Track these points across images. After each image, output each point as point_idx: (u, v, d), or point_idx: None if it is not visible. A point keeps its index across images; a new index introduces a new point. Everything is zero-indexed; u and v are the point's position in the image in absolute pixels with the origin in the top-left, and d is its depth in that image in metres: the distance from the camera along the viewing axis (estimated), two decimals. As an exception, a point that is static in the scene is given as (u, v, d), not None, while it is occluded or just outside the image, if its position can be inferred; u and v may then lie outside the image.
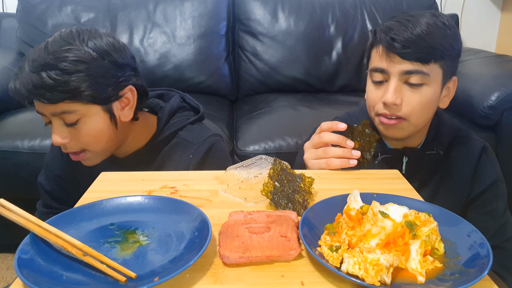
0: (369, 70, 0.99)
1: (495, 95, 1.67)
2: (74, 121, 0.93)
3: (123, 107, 0.99)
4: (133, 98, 1.00)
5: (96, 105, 0.94)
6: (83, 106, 0.92)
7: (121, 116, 0.99)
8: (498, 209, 1.06)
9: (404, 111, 0.94)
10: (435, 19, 0.94)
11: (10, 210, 0.64)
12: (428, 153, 1.03)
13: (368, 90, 1.00)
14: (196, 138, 1.07)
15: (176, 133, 1.08)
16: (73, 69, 0.89)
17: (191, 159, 1.04)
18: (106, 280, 0.55)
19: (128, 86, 0.98)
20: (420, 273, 0.55)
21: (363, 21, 2.24)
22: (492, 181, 1.05)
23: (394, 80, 0.94)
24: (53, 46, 0.90)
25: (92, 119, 0.94)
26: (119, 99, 0.98)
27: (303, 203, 0.74)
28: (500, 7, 2.64)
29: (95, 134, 0.96)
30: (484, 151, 1.07)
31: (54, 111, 0.92)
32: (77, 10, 2.15)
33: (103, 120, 0.96)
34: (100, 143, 0.98)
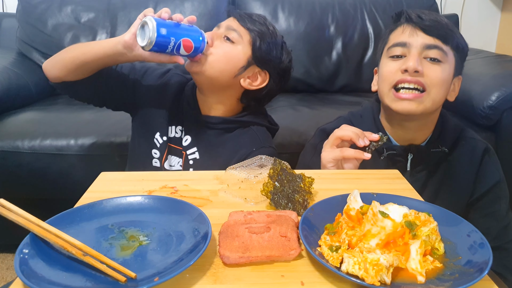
0: (388, 48, 1.03)
1: (495, 95, 1.67)
2: (232, 39, 1.08)
3: (249, 76, 1.12)
4: (259, 81, 1.13)
5: (251, 50, 1.09)
6: (247, 41, 1.09)
7: (242, 80, 1.11)
8: (501, 210, 1.06)
9: (425, 80, 0.97)
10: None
11: (10, 210, 0.64)
12: (433, 151, 1.03)
13: (384, 65, 1.04)
14: (265, 140, 1.16)
15: (253, 124, 1.16)
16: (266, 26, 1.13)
17: (252, 152, 1.09)
18: (106, 280, 0.55)
19: (268, 72, 1.13)
20: (420, 273, 0.55)
21: (363, 21, 2.24)
22: (494, 183, 1.06)
23: (415, 51, 0.98)
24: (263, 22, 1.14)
25: (239, 50, 1.09)
26: (258, 70, 1.12)
27: (303, 203, 0.74)
28: (500, 7, 2.64)
29: (228, 57, 1.08)
30: (487, 153, 1.07)
31: (231, 25, 1.09)
32: (77, 10, 2.15)
33: (240, 60, 1.09)
34: (219, 64, 1.08)
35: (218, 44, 1.08)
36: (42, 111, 1.83)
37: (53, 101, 2.02)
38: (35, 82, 2.02)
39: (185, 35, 1.00)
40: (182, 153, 1.14)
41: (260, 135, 1.15)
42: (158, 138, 1.17)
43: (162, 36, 0.96)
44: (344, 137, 0.94)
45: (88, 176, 0.86)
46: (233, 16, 1.12)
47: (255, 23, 1.10)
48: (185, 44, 1.00)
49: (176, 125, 1.17)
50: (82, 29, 2.13)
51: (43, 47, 2.13)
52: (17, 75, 1.93)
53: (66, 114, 1.79)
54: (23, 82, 1.94)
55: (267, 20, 1.14)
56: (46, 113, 1.82)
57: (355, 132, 0.94)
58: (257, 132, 1.15)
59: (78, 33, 2.13)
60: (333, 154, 0.94)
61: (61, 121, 1.71)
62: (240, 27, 1.09)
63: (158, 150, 1.16)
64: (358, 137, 0.93)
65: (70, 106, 1.94)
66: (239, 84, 1.11)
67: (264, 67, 1.12)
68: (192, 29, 1.02)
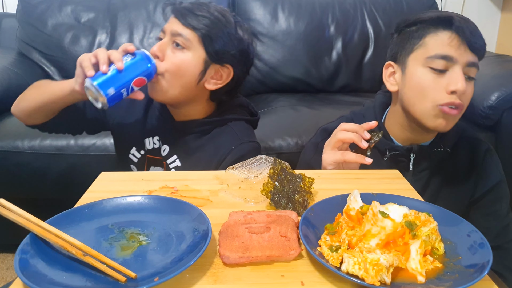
0: (429, 57, 0.95)
1: (495, 95, 1.67)
2: (182, 45, 1.02)
3: (213, 76, 1.06)
4: (226, 78, 1.08)
5: (206, 53, 1.03)
6: (198, 44, 1.02)
7: (206, 82, 1.06)
8: (501, 211, 1.06)
9: (464, 101, 0.95)
10: None
11: (10, 210, 0.64)
12: (435, 150, 1.03)
13: (425, 79, 0.95)
14: (244, 135, 1.12)
15: (230, 121, 1.13)
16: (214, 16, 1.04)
17: (232, 151, 1.07)
18: (106, 280, 0.55)
19: (230, 67, 1.07)
20: (420, 273, 0.55)
21: (363, 21, 2.24)
22: (495, 183, 1.06)
23: (459, 68, 0.93)
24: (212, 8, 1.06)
25: (190, 57, 1.02)
26: (219, 66, 1.06)
27: (303, 203, 0.74)
28: (500, 7, 2.64)
29: (183, 67, 1.02)
30: (489, 153, 1.07)
31: (176, 30, 1.02)
32: (77, 10, 2.15)
33: (194, 68, 1.03)
34: (177, 79, 1.03)
35: (169, 55, 1.02)
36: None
37: (53, 101, 2.02)
38: (35, 82, 2.02)
39: (133, 77, 0.94)
40: (162, 163, 1.13)
41: (238, 131, 1.11)
42: (134, 153, 1.16)
43: (112, 95, 0.92)
44: (346, 140, 0.93)
45: (88, 176, 0.86)
46: (174, 15, 1.04)
47: (199, 18, 1.02)
48: (137, 83, 0.95)
49: (153, 136, 1.14)
50: (82, 29, 2.13)
51: (43, 47, 2.13)
52: (17, 75, 1.93)
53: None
54: (23, 82, 1.94)
55: (212, 7, 1.06)
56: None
57: (356, 131, 0.93)
58: (235, 128, 1.12)
59: (78, 33, 2.13)
60: (334, 157, 0.93)
61: (61, 121, 1.70)
62: (185, 29, 1.02)
63: (135, 165, 1.16)
64: (360, 139, 0.92)
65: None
66: (204, 88, 1.07)
67: (224, 62, 1.06)
68: (137, 63, 0.95)
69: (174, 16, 1.04)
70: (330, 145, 0.96)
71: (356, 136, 0.92)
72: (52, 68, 2.15)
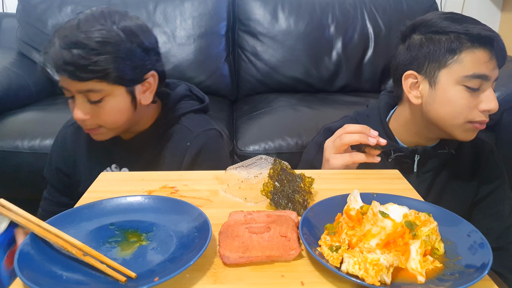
0: (466, 76, 0.91)
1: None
2: (98, 99, 0.95)
3: (144, 91, 1.03)
4: (154, 83, 1.04)
5: (121, 86, 0.97)
6: (108, 86, 0.95)
7: (142, 99, 1.02)
8: (504, 211, 1.06)
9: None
10: None
11: (10, 210, 0.64)
12: (439, 152, 1.03)
13: (461, 97, 0.92)
14: (196, 127, 1.09)
15: (179, 118, 1.10)
16: (104, 50, 0.91)
17: (189, 147, 1.06)
18: (106, 280, 0.55)
19: (151, 71, 1.02)
20: (420, 273, 0.55)
21: (363, 21, 2.24)
22: (498, 183, 1.06)
23: (491, 86, 0.94)
24: (86, 25, 0.92)
25: (115, 99, 0.97)
26: (142, 82, 1.01)
27: (303, 203, 0.74)
28: (500, 7, 2.64)
29: (116, 113, 0.99)
30: (492, 153, 1.07)
31: (80, 88, 0.94)
32: (77, 10, 2.11)
33: (125, 101, 0.99)
34: (118, 122, 1.01)
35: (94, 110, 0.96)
36: (42, 111, 1.83)
37: (53, 101, 2.02)
38: (35, 82, 2.02)
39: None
40: None
41: (189, 125, 1.08)
42: None
43: None
44: (352, 143, 0.91)
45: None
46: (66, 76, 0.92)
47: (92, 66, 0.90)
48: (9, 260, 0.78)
49: (110, 165, 1.11)
50: (82, 29, 2.13)
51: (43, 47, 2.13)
52: (17, 75, 1.93)
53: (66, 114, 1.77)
54: (23, 82, 1.94)
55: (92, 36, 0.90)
56: (46, 113, 1.82)
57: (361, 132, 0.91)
58: (186, 123, 1.09)
59: (78, 33, 2.12)
60: (342, 160, 0.92)
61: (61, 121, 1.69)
62: (88, 83, 0.93)
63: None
64: (367, 138, 0.89)
65: (70, 106, 1.94)
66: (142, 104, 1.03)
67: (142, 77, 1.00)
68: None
69: (68, 78, 0.93)
70: (334, 149, 0.93)
71: (362, 136, 0.90)
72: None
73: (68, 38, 0.91)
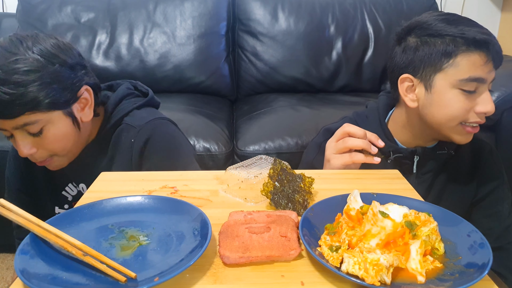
0: (462, 79, 0.91)
1: (495, 95, 1.68)
2: (38, 130, 0.91)
3: (82, 108, 0.99)
4: (90, 97, 1.00)
5: (57, 111, 0.93)
6: (44, 115, 0.91)
7: (83, 117, 0.99)
8: (503, 211, 1.06)
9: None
10: None
11: (10, 210, 0.64)
12: (439, 153, 1.03)
13: (457, 101, 0.93)
14: (139, 121, 1.04)
15: (122, 119, 1.05)
16: (26, 80, 0.86)
17: (133, 143, 1.02)
18: (106, 280, 0.55)
19: (84, 86, 0.97)
20: (420, 273, 0.55)
21: (363, 21, 2.24)
22: (497, 184, 1.06)
23: (487, 88, 0.93)
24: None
25: (55, 125, 0.93)
26: (77, 101, 0.97)
27: (303, 203, 0.74)
28: (500, 7, 2.64)
29: (61, 139, 0.95)
30: (491, 154, 1.07)
31: (15, 124, 0.90)
32: (77, 10, 2.15)
33: (66, 124, 0.95)
34: (67, 147, 0.97)
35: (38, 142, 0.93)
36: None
37: (53, 101, 2.02)
38: (35, 82, 2.02)
39: None
40: None
41: (131, 121, 1.04)
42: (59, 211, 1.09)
43: None
44: (355, 148, 0.91)
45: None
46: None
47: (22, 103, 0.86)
48: None
49: (67, 185, 1.08)
50: (82, 29, 2.13)
51: (43, 47, 2.13)
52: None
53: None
54: (23, 82, 1.94)
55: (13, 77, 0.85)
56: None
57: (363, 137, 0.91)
58: (129, 121, 1.04)
59: (78, 33, 2.13)
60: (342, 160, 0.92)
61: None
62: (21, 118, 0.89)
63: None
64: (370, 146, 0.90)
65: (70, 106, 1.94)
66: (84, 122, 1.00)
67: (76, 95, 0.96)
68: None
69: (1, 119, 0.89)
70: (335, 149, 0.93)
71: (365, 143, 0.90)
72: (52, 68, 2.15)
73: None
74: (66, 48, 0.95)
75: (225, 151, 1.65)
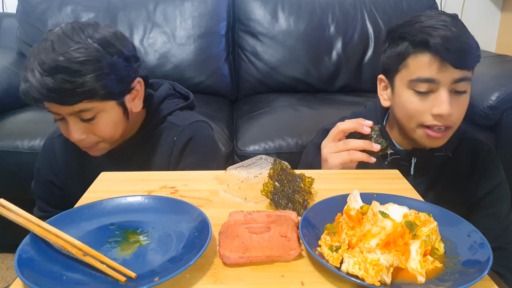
0: (410, 80, 0.93)
1: (495, 95, 1.67)
2: (91, 116, 0.94)
3: (133, 99, 1.02)
4: (141, 89, 1.04)
5: (111, 101, 0.96)
6: (99, 103, 0.94)
7: (133, 107, 1.02)
8: (502, 211, 1.06)
9: (452, 120, 0.93)
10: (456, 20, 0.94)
11: (10, 210, 0.64)
12: (436, 155, 1.03)
13: (410, 102, 0.94)
14: (182, 121, 1.09)
15: (165, 118, 1.09)
16: (87, 69, 0.88)
17: (176, 142, 1.06)
18: (106, 280, 0.55)
19: (137, 78, 1.01)
20: (420, 273, 0.55)
21: (363, 21, 2.24)
22: (496, 184, 1.06)
23: (444, 90, 0.91)
24: (61, 46, 0.88)
25: (108, 114, 0.97)
26: (130, 92, 1.00)
27: (303, 203, 0.74)
28: (500, 7, 2.64)
29: (111, 127, 0.98)
30: (490, 154, 1.07)
31: (71, 111, 0.93)
32: (77, 10, 2.15)
33: (118, 113, 0.99)
34: (115, 135, 1.00)
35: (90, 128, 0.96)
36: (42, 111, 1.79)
37: (53, 101, 2.02)
38: (35, 82, 2.02)
39: None
40: None
41: (175, 120, 1.09)
42: None
43: None
44: (347, 130, 0.93)
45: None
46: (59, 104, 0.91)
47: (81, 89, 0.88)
48: None
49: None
50: (82, 29, 2.13)
51: (43, 47, 2.13)
52: (17, 75, 1.93)
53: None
54: (23, 82, 1.94)
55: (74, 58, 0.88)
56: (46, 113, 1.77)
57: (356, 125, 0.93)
58: (172, 120, 1.09)
59: (78, 33, 2.13)
60: (340, 158, 0.92)
61: (61, 121, 1.71)
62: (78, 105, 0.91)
63: None
64: (361, 126, 0.92)
65: (70, 106, 1.94)
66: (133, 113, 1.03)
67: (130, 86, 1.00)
68: None
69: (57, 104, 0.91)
70: (334, 149, 0.94)
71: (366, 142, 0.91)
72: (52, 68, 2.15)
73: (47, 64, 0.86)
74: (122, 38, 0.98)
75: (225, 151, 1.65)
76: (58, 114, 0.95)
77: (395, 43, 0.97)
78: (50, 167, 1.14)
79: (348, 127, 0.93)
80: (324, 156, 0.96)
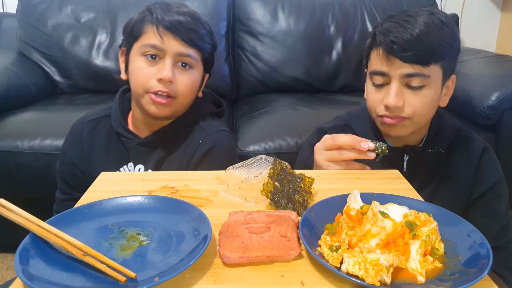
0: (369, 73, 0.99)
1: (495, 95, 1.67)
2: (189, 65, 1.04)
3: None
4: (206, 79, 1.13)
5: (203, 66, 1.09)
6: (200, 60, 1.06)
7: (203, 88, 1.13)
8: (500, 210, 1.06)
9: (406, 112, 0.95)
10: (433, 18, 0.93)
11: (10, 210, 0.64)
12: (429, 151, 1.03)
13: (369, 92, 1.01)
14: (210, 126, 1.13)
15: (197, 119, 1.13)
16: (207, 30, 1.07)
17: (200, 144, 1.08)
18: (106, 280, 0.55)
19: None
20: (420, 273, 0.55)
21: (363, 21, 2.24)
22: (494, 182, 1.05)
23: (395, 83, 0.94)
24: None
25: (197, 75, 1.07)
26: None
27: (303, 203, 0.74)
28: (500, 7, 2.64)
29: (191, 86, 1.06)
30: (486, 152, 1.07)
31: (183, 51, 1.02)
32: (77, 10, 2.15)
33: (199, 82, 1.10)
34: (187, 98, 1.07)
35: (179, 77, 1.03)
36: (42, 111, 1.83)
37: (53, 101, 2.02)
38: (35, 82, 2.02)
39: None
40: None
41: (204, 124, 1.13)
42: None
43: None
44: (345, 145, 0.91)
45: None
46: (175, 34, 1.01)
47: (202, 37, 1.04)
48: None
49: (126, 163, 1.11)
50: (82, 29, 2.14)
51: (43, 47, 2.13)
52: (17, 75, 1.94)
53: (66, 114, 1.79)
54: (23, 82, 1.94)
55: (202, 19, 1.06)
56: (46, 113, 1.82)
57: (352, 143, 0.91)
58: (202, 123, 1.13)
59: (78, 33, 2.13)
60: (329, 154, 0.93)
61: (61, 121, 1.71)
62: (190, 49, 1.03)
63: None
64: (358, 142, 0.90)
65: (70, 106, 1.94)
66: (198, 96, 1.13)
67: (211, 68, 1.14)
68: None
69: (174, 36, 1.01)
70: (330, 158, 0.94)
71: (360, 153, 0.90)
72: (52, 68, 2.15)
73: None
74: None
75: (225, 151, 1.65)
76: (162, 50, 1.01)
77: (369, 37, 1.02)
78: (75, 150, 1.16)
79: (345, 144, 0.91)
80: (318, 162, 0.95)
